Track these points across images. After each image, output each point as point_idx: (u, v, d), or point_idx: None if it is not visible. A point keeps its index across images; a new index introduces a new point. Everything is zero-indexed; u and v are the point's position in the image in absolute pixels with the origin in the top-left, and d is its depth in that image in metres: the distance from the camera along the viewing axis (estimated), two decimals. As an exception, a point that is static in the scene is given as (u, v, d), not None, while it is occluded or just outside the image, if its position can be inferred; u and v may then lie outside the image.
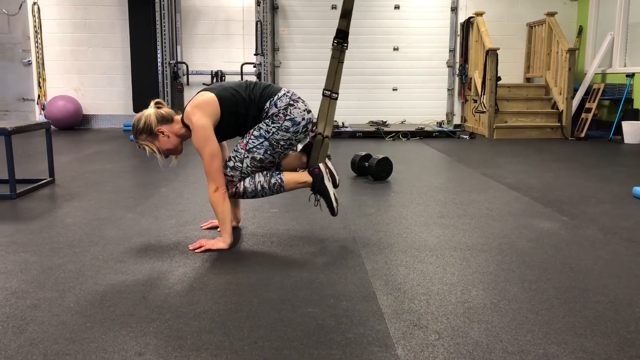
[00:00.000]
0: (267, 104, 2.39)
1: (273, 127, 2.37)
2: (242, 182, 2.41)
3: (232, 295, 1.87)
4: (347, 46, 2.51)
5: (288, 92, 2.44)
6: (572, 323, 1.67)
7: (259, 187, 2.43)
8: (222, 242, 2.37)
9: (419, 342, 1.55)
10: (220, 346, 1.52)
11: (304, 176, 2.49)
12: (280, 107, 2.38)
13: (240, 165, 2.39)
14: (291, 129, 2.38)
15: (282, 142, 2.40)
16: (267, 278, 2.04)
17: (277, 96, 2.40)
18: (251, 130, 2.41)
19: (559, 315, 1.73)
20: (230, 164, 2.40)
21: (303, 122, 2.41)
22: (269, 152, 2.40)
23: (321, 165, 2.50)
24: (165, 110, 2.44)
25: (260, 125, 2.40)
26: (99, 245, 2.42)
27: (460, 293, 1.90)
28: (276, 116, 2.38)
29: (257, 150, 2.38)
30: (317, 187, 2.49)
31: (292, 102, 2.40)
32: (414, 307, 1.79)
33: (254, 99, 2.40)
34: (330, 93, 2.52)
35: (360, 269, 2.15)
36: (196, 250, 2.35)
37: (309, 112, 2.45)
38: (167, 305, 1.79)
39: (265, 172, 2.45)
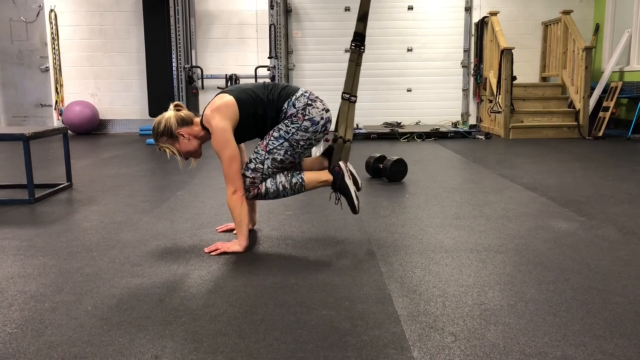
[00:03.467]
0: (286, 105, 2.40)
1: (292, 127, 2.38)
2: (263, 184, 2.42)
3: (247, 298, 1.88)
4: (364, 49, 2.51)
5: (306, 92, 2.44)
6: (591, 324, 1.65)
7: (281, 187, 2.43)
8: (237, 244, 2.38)
9: (435, 344, 1.54)
10: (236, 349, 1.52)
11: (325, 175, 2.49)
12: (299, 107, 2.38)
13: (262, 167, 2.40)
14: (310, 129, 2.39)
15: (301, 142, 2.40)
16: (282, 281, 2.04)
17: (294, 96, 2.41)
18: (271, 132, 2.41)
19: (577, 316, 1.70)
20: (252, 165, 2.40)
21: (322, 122, 2.41)
22: (289, 153, 2.40)
23: (341, 164, 2.49)
24: (185, 112, 2.46)
25: (280, 126, 2.40)
26: (115, 249, 2.44)
27: (476, 295, 1.89)
28: (295, 117, 2.38)
29: (278, 151, 2.39)
30: (338, 185, 2.48)
31: (310, 102, 2.40)
32: (430, 309, 1.77)
33: (272, 100, 2.41)
34: (350, 96, 2.52)
35: (375, 271, 2.14)
36: (212, 253, 2.36)
37: (327, 111, 2.45)
38: (184, 308, 1.80)
39: (286, 173, 2.45)
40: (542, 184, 3.84)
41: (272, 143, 2.39)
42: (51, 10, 7.75)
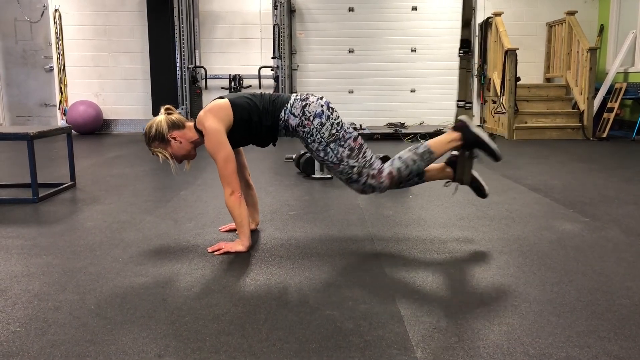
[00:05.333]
0: (282, 114, 2.39)
1: (316, 135, 2.36)
2: (390, 167, 2.38)
3: (250, 298, 1.88)
4: (472, 54, 2.51)
5: (297, 95, 2.44)
6: (595, 326, 1.64)
7: (410, 162, 2.38)
8: (240, 244, 2.38)
9: (439, 345, 1.54)
10: (239, 348, 1.52)
11: (450, 134, 2.43)
12: (299, 114, 2.38)
13: (357, 166, 2.35)
14: (324, 120, 2.37)
15: (333, 131, 2.36)
16: (285, 280, 2.04)
17: (289, 104, 2.40)
18: (319, 157, 2.39)
19: (582, 318, 1.70)
20: (355, 176, 2.37)
21: (324, 108, 2.39)
22: (342, 143, 2.36)
23: (463, 117, 2.43)
24: (176, 116, 2.45)
25: (311, 147, 2.39)
26: (119, 248, 2.45)
27: (480, 295, 1.88)
28: (304, 126, 2.37)
29: (341, 153, 2.35)
30: (468, 138, 2.39)
31: (304, 103, 2.39)
32: (434, 309, 1.77)
33: (268, 109, 2.40)
34: (465, 103, 2.53)
35: (378, 271, 2.14)
36: (215, 253, 2.36)
37: (321, 98, 2.43)
38: (186, 307, 1.80)
39: (408, 149, 2.42)
40: (546, 185, 3.83)
41: (332, 156, 2.36)
42: (55, 10, 7.77)
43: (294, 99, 2.42)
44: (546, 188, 3.71)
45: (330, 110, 2.40)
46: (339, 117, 2.41)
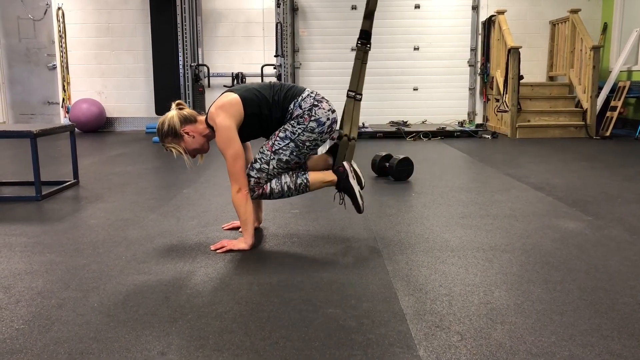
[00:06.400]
0: (292, 106, 2.40)
1: (298, 128, 2.38)
2: (268, 184, 2.42)
3: (253, 296, 1.88)
4: (370, 47, 2.50)
5: (312, 92, 2.44)
6: (598, 325, 1.64)
7: (285, 188, 2.44)
8: (243, 242, 2.39)
9: (441, 343, 1.54)
10: (242, 346, 1.52)
11: (329, 175, 2.50)
12: (305, 108, 2.38)
13: (267, 167, 2.40)
14: (316, 130, 2.39)
15: (307, 143, 2.40)
16: (288, 278, 2.04)
17: (301, 97, 2.41)
18: (277, 132, 2.41)
19: (585, 316, 1.70)
20: (257, 165, 2.40)
21: (328, 122, 2.41)
22: (294, 153, 2.40)
23: (345, 164, 2.51)
24: (188, 110, 2.46)
25: (286, 126, 2.40)
26: (122, 246, 2.45)
27: (483, 294, 1.88)
28: (301, 117, 2.38)
29: (283, 152, 2.39)
30: (342, 185, 2.50)
31: (316, 103, 2.40)
32: (436, 308, 1.77)
33: (278, 101, 2.40)
34: (355, 94, 2.52)
35: (381, 269, 2.14)
36: (218, 251, 2.36)
37: (333, 111, 2.45)
38: (190, 305, 1.80)
39: (291, 173, 2.46)
40: (548, 183, 3.83)
41: (278, 143, 2.39)
42: (59, 8, 7.78)
43: (307, 94, 2.42)
44: (549, 186, 3.71)
45: (327, 129, 2.43)
46: (323, 140, 2.45)
